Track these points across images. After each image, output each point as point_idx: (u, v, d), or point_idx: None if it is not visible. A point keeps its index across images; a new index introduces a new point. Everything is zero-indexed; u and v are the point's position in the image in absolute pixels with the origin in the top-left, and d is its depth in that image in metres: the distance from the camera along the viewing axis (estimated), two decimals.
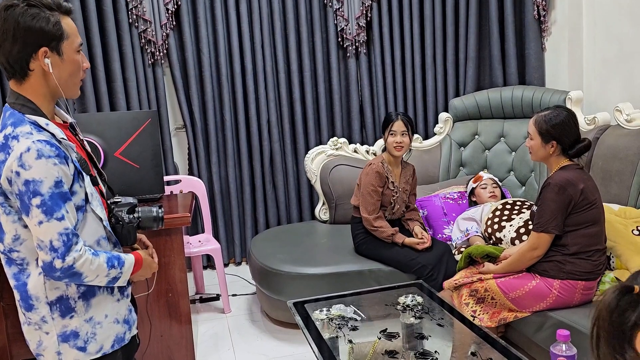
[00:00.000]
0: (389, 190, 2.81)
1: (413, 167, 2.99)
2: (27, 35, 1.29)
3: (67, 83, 1.38)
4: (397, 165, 2.89)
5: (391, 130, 2.77)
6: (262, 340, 2.89)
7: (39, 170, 1.26)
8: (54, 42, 1.32)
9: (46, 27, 1.30)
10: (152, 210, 1.56)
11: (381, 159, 2.85)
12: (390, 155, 2.84)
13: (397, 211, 2.89)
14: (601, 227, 2.25)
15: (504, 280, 2.31)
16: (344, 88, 3.89)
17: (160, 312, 2.56)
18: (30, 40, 1.30)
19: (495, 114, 3.60)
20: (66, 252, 1.29)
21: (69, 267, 1.30)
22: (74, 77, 1.39)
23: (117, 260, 1.41)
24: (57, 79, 1.34)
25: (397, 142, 2.77)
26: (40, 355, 1.42)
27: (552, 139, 2.25)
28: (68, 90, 1.39)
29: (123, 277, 1.44)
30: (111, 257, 1.40)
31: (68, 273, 1.31)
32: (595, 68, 3.36)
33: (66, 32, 1.34)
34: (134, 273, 1.49)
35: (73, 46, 1.36)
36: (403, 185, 2.89)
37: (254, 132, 3.76)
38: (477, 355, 1.81)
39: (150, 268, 1.58)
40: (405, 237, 2.77)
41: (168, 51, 3.57)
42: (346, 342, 1.94)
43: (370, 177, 2.78)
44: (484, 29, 3.86)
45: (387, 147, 2.82)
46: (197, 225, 3.79)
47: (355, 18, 3.74)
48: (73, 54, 1.37)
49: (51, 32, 1.31)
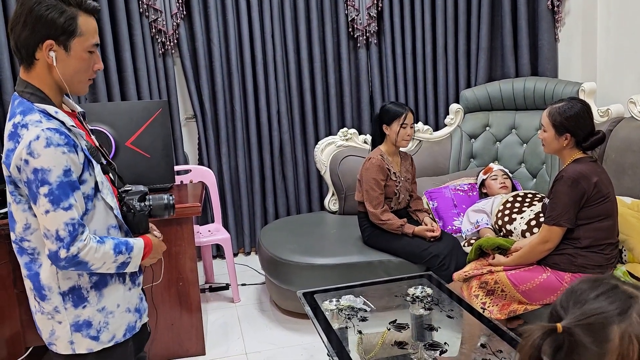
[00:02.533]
0: (392, 181, 2.80)
1: (410, 156, 3.01)
2: (37, 24, 1.28)
3: (72, 79, 1.36)
4: (396, 155, 2.89)
5: (404, 122, 2.76)
6: (271, 329, 2.90)
7: (47, 159, 1.26)
8: (63, 36, 1.31)
9: (58, 20, 1.29)
10: (162, 198, 1.56)
11: (379, 152, 2.84)
12: (396, 146, 2.84)
13: (402, 200, 2.89)
14: (614, 221, 2.23)
15: (514, 273, 2.30)
16: (354, 78, 3.87)
17: (170, 301, 2.58)
18: (38, 30, 1.29)
19: (507, 106, 3.56)
20: (71, 242, 1.29)
21: (73, 256, 1.30)
22: (79, 75, 1.37)
23: (125, 245, 1.40)
24: (60, 74, 1.33)
25: (408, 134, 2.78)
26: (52, 344, 1.43)
27: (566, 131, 2.22)
28: (72, 86, 1.37)
29: (133, 262, 1.43)
30: (118, 243, 1.39)
31: (73, 262, 1.31)
32: (608, 59, 3.32)
33: (80, 29, 1.32)
34: (145, 257, 1.48)
35: (85, 44, 1.34)
36: (404, 174, 2.89)
37: (264, 123, 3.76)
38: (487, 347, 1.81)
39: (159, 250, 1.56)
40: (414, 227, 2.78)
41: (178, 41, 3.56)
42: (355, 333, 1.95)
43: (371, 172, 2.77)
44: (496, 19, 3.82)
45: (395, 139, 2.79)
46: (206, 215, 3.80)
47: (366, 8, 3.71)
48: (83, 52, 1.34)
49: (62, 26, 1.30)
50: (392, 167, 2.82)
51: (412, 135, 2.83)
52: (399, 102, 2.87)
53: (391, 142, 2.83)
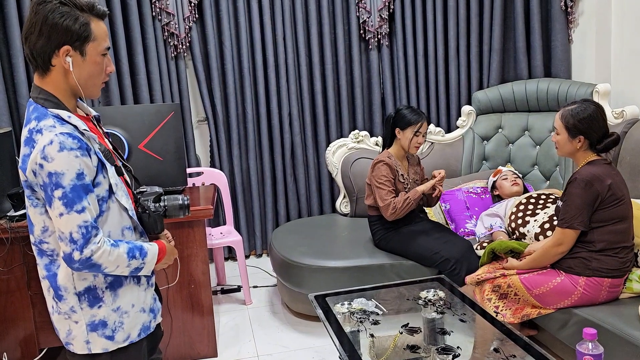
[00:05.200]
0: (400, 183, 2.79)
1: (417, 157, 3.00)
2: (53, 31, 1.31)
3: (87, 83, 1.39)
4: (404, 159, 2.88)
5: (418, 131, 2.75)
6: (282, 332, 2.90)
7: (61, 163, 1.28)
8: (78, 42, 1.34)
9: (73, 27, 1.32)
10: (177, 199, 1.59)
11: (388, 154, 2.82)
12: (405, 151, 2.83)
13: None
14: (629, 224, 2.20)
15: (527, 277, 2.28)
16: (366, 81, 3.86)
17: (182, 303, 2.59)
18: (54, 37, 1.32)
19: (520, 107, 3.54)
20: (85, 244, 1.31)
21: (86, 259, 1.32)
22: (94, 79, 1.41)
23: (139, 250, 1.43)
24: (76, 78, 1.36)
25: (420, 142, 2.77)
26: (69, 344, 1.46)
27: (580, 133, 2.20)
28: (87, 90, 1.41)
29: (146, 267, 1.46)
30: (132, 247, 1.42)
31: (86, 264, 1.33)
32: (623, 60, 3.28)
33: (93, 34, 1.36)
34: (158, 262, 1.51)
35: (98, 49, 1.38)
36: (413, 176, 2.88)
37: (275, 125, 3.77)
38: (500, 351, 1.79)
39: (172, 255, 1.60)
40: (421, 186, 2.74)
41: (191, 44, 3.58)
42: (367, 336, 1.94)
43: (380, 170, 2.76)
44: (509, 20, 3.80)
45: (407, 145, 2.78)
46: (218, 217, 3.82)
47: (378, 10, 3.71)
48: (97, 56, 1.38)
49: (77, 32, 1.33)
50: (400, 169, 2.81)
51: (423, 143, 2.82)
52: (416, 109, 2.80)
53: (401, 146, 2.82)
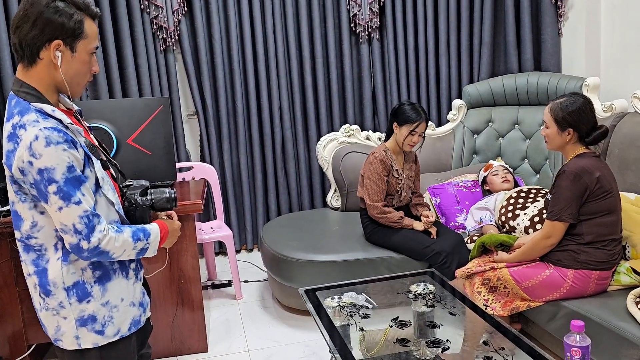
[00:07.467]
0: (394, 178, 2.79)
1: (415, 154, 2.99)
2: (47, 25, 1.31)
3: (73, 81, 1.39)
4: (400, 154, 2.87)
5: (414, 130, 2.73)
6: (273, 326, 2.90)
7: (50, 158, 1.27)
8: (70, 38, 1.34)
9: (67, 23, 1.32)
10: (164, 192, 1.59)
11: (384, 148, 2.82)
12: (399, 148, 2.82)
13: (405, 198, 2.88)
14: (617, 216, 2.22)
15: (517, 269, 2.29)
16: (356, 74, 3.85)
17: (172, 298, 2.58)
18: (48, 31, 1.31)
19: (510, 101, 3.55)
20: (90, 233, 1.32)
21: (95, 247, 1.34)
22: (79, 77, 1.40)
23: (143, 232, 1.45)
24: (63, 74, 1.35)
25: (414, 141, 2.77)
26: (58, 340, 1.44)
27: (569, 126, 2.21)
28: (72, 87, 1.40)
29: (151, 247, 1.48)
30: (136, 230, 1.44)
31: (95, 253, 1.35)
32: (613, 54, 3.29)
33: (86, 32, 1.36)
34: (163, 241, 1.53)
35: (88, 47, 1.38)
36: (407, 172, 2.88)
37: (266, 119, 3.75)
38: (489, 344, 1.80)
39: (175, 232, 1.61)
40: (413, 221, 2.78)
41: (180, 37, 3.55)
42: (357, 330, 1.94)
43: (374, 166, 2.76)
44: (499, 14, 3.80)
45: (401, 142, 2.77)
46: (209, 212, 3.80)
47: (368, 3, 3.69)
48: (86, 54, 1.38)
49: (71, 28, 1.33)
50: (395, 164, 2.81)
51: (418, 143, 2.78)
52: (418, 107, 2.74)
53: (396, 141, 2.82)
